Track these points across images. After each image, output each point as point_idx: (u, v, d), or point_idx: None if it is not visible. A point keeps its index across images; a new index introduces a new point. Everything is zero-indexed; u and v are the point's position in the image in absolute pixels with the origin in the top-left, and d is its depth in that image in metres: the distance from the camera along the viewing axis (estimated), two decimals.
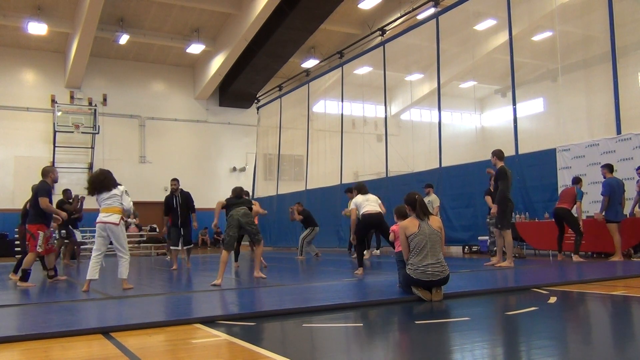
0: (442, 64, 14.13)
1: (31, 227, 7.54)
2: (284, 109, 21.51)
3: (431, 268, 5.09)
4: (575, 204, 9.27)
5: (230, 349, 3.50)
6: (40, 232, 7.48)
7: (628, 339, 3.60)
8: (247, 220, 7.04)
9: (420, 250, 5.16)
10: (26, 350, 3.54)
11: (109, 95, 22.74)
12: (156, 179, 22.23)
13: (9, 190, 20.23)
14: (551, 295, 5.29)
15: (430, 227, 5.25)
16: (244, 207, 7.18)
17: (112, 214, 6.56)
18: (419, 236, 5.20)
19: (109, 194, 6.64)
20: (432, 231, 5.23)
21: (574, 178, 9.64)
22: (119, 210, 6.61)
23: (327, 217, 16.04)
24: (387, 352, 3.45)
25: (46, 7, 19.10)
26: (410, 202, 5.41)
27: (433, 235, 5.21)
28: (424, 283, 5.09)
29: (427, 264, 5.09)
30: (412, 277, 5.14)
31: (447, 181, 13.28)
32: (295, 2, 17.98)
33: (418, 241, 5.19)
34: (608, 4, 10.43)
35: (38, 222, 7.51)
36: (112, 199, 6.64)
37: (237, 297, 5.95)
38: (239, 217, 7.00)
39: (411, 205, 5.41)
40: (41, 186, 7.54)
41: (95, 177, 6.79)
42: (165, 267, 11.11)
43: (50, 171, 7.81)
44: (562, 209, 9.26)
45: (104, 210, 6.62)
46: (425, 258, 5.12)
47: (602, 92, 11.23)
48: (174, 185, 10.24)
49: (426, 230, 5.22)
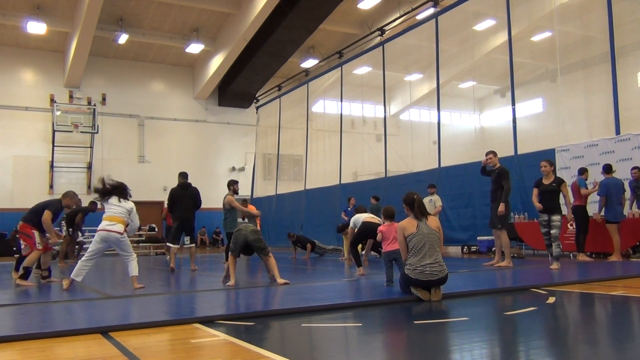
0: (441, 64, 14.14)
1: (25, 228, 7.56)
2: (283, 108, 21.52)
3: (429, 268, 5.08)
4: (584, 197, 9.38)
5: (229, 349, 3.50)
6: (35, 232, 7.51)
7: (627, 339, 3.61)
8: (255, 238, 6.89)
9: (419, 251, 5.16)
10: (25, 350, 3.53)
11: (108, 95, 22.74)
12: (155, 179, 22.25)
13: (7, 189, 20.21)
14: (550, 295, 5.29)
15: (428, 227, 5.26)
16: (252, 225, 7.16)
17: (117, 224, 6.50)
18: (417, 236, 5.21)
19: (119, 203, 6.62)
20: (430, 231, 5.23)
21: (580, 169, 9.65)
22: (123, 220, 6.57)
23: (326, 217, 16.04)
24: (386, 352, 3.45)
25: (45, 7, 19.08)
26: (409, 202, 5.41)
27: (431, 235, 5.22)
28: (423, 283, 5.10)
29: (425, 263, 5.10)
30: (410, 277, 5.14)
31: (446, 181, 13.28)
32: (294, 2, 17.97)
33: (416, 241, 5.20)
34: (607, 5, 10.43)
35: (33, 225, 7.55)
36: (120, 208, 6.62)
37: (236, 297, 5.95)
38: (246, 234, 6.89)
39: (409, 205, 5.41)
40: (54, 203, 7.64)
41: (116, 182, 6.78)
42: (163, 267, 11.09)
43: (71, 197, 7.80)
44: (575, 206, 9.32)
45: (108, 218, 6.54)
46: (424, 258, 5.12)
47: (601, 93, 11.24)
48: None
49: (424, 230, 5.23)
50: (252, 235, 6.89)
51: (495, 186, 8.79)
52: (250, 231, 6.93)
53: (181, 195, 9.62)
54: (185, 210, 9.54)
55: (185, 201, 9.58)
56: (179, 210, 9.54)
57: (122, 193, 6.73)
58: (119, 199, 6.69)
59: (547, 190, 8.13)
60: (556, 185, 8.09)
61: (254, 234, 6.92)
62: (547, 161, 8.34)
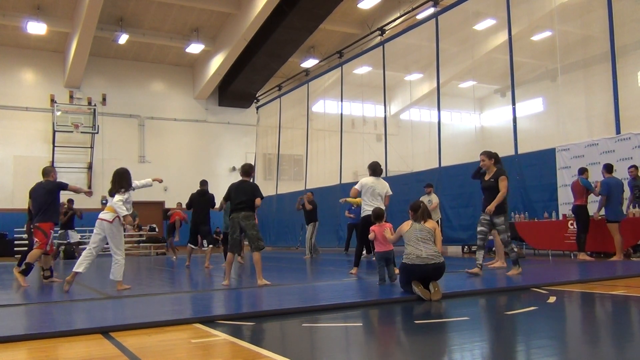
0: (441, 63, 14.14)
1: (44, 225, 7.62)
2: (284, 108, 21.52)
3: (425, 251, 5.33)
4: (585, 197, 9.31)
5: (229, 349, 3.50)
6: (52, 231, 7.69)
7: (628, 338, 3.61)
8: (247, 223, 6.91)
9: (413, 241, 5.48)
10: (26, 350, 3.54)
11: (108, 95, 22.73)
12: None
13: (8, 190, 20.21)
14: (550, 295, 5.29)
15: (422, 225, 5.59)
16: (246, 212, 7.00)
17: (108, 212, 6.69)
18: (410, 231, 5.59)
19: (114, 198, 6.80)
20: (422, 227, 5.58)
21: (580, 169, 9.63)
22: (113, 210, 6.68)
23: (326, 216, 16.03)
24: (387, 352, 3.45)
25: (45, 7, 19.09)
26: (414, 208, 5.76)
27: (423, 231, 5.54)
28: (420, 269, 5.22)
29: (420, 248, 5.36)
30: (408, 265, 5.34)
31: (446, 181, 13.28)
32: (294, 2, 17.97)
33: (409, 235, 5.56)
34: (607, 4, 10.43)
35: (51, 220, 7.69)
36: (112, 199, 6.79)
37: (236, 297, 5.96)
38: (239, 220, 6.91)
39: (414, 210, 5.75)
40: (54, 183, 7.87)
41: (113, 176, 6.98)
42: (164, 267, 11.10)
43: (51, 171, 8.07)
44: (576, 206, 9.29)
45: (105, 210, 6.81)
46: (417, 244, 5.42)
47: (602, 92, 11.24)
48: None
49: (417, 227, 5.59)
50: (245, 221, 6.88)
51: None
52: (243, 216, 6.88)
53: (198, 202, 10.51)
54: (196, 215, 10.48)
55: (199, 207, 10.48)
56: (193, 216, 10.59)
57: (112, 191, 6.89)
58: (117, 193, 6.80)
59: (486, 187, 7.16)
60: (494, 182, 7.03)
61: (247, 219, 6.89)
62: (484, 154, 7.26)
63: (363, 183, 7.91)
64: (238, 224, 6.92)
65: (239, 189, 7.10)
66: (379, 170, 8.11)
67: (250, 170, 7.37)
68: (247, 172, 7.30)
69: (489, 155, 7.23)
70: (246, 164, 7.46)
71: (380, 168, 8.18)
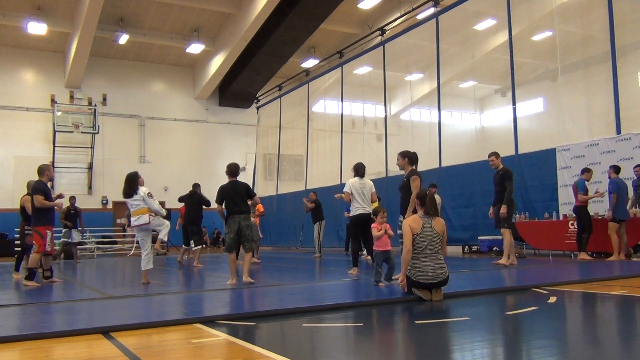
0: (442, 63, 14.13)
1: (39, 228, 7.62)
2: (284, 108, 21.51)
3: (431, 270, 5.10)
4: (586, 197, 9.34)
5: (230, 349, 3.50)
6: (48, 232, 7.64)
7: (628, 338, 3.60)
8: (246, 224, 7.17)
9: (420, 252, 5.17)
10: (26, 350, 3.54)
11: (108, 95, 22.74)
12: (156, 179, 22.21)
13: (8, 190, 20.21)
14: (551, 295, 5.28)
15: (432, 229, 5.24)
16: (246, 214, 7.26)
17: (140, 216, 7.00)
18: (420, 237, 5.20)
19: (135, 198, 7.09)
20: (433, 234, 5.23)
21: (583, 169, 9.64)
22: (146, 210, 7.02)
23: (326, 216, 16.02)
24: (387, 352, 3.44)
25: (46, 7, 19.09)
26: (421, 197, 5.46)
27: (434, 239, 5.22)
28: (424, 285, 5.13)
29: (427, 265, 5.10)
30: (411, 279, 5.18)
31: (447, 181, 13.27)
32: (295, 2, 17.97)
33: (419, 241, 5.20)
34: (608, 4, 10.42)
35: (45, 224, 7.63)
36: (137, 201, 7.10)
37: (236, 297, 5.95)
38: (240, 220, 7.11)
39: (421, 200, 5.44)
40: (36, 185, 7.67)
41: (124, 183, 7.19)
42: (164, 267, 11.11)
43: (46, 169, 7.91)
44: (577, 206, 9.29)
45: (133, 214, 7.10)
46: (425, 260, 5.13)
47: (602, 92, 11.23)
48: None
49: (428, 232, 5.22)
50: (245, 221, 7.13)
51: (499, 187, 8.77)
52: (244, 217, 7.15)
53: (187, 203, 11.04)
54: (186, 216, 11.07)
55: (188, 208, 11.00)
56: (184, 217, 11.19)
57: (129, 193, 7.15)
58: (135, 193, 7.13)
59: (400, 187, 6.96)
60: (406, 181, 6.79)
61: (246, 220, 7.17)
62: (400, 154, 7.04)
63: (351, 185, 8.10)
64: (239, 223, 7.06)
65: (234, 190, 7.20)
66: (362, 171, 8.31)
67: (236, 170, 7.39)
68: (234, 172, 7.35)
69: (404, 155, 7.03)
70: (232, 163, 7.44)
71: (364, 169, 8.37)
